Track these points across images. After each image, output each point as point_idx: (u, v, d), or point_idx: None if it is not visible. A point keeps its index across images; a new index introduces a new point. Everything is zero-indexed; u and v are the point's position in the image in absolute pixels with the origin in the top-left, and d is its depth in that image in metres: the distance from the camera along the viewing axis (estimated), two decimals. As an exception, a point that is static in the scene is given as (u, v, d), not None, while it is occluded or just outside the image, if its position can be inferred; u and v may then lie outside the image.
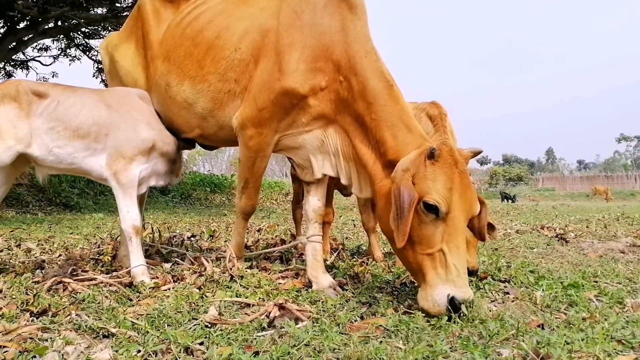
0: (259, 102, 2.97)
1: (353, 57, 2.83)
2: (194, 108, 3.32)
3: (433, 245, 2.46)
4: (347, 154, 2.95)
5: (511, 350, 1.89)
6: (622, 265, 4.01)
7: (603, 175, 57.23)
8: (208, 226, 7.38)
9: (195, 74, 3.26)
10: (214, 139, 3.51)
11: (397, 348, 1.89)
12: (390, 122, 2.74)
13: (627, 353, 1.87)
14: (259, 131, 3.02)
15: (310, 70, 2.89)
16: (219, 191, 20.06)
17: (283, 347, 1.87)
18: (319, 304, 2.64)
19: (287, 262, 3.83)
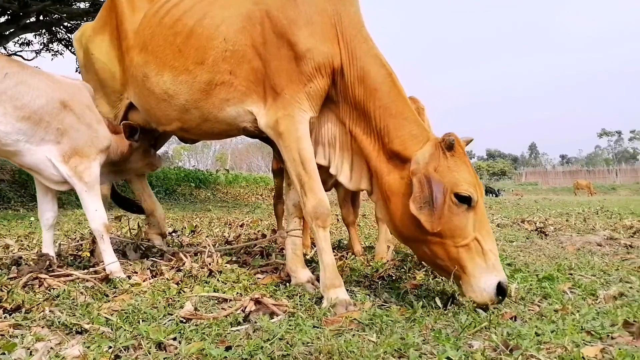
0: (277, 87, 2.74)
1: (351, 42, 2.73)
2: (175, 100, 3.11)
3: (468, 236, 2.46)
4: (343, 142, 2.86)
5: (482, 342, 1.91)
6: (597, 258, 4.06)
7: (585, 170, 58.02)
8: (190, 222, 7.33)
9: (177, 64, 3.06)
10: (196, 132, 3.31)
11: (369, 341, 1.90)
12: (395, 110, 2.68)
13: (595, 344, 1.89)
14: (285, 113, 2.71)
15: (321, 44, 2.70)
16: (204, 187, 19.93)
17: (256, 342, 1.87)
18: (296, 299, 2.65)
19: (268, 257, 3.82)
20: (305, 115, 2.72)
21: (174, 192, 17.08)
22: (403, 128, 2.66)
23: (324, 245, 2.65)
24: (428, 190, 2.41)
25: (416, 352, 1.81)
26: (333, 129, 2.87)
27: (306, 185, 2.68)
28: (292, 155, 2.71)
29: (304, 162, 2.68)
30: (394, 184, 2.64)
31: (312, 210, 2.65)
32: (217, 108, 2.98)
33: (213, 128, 3.13)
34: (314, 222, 2.66)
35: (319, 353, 1.73)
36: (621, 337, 1.97)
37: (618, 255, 4.25)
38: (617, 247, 4.78)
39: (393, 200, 2.64)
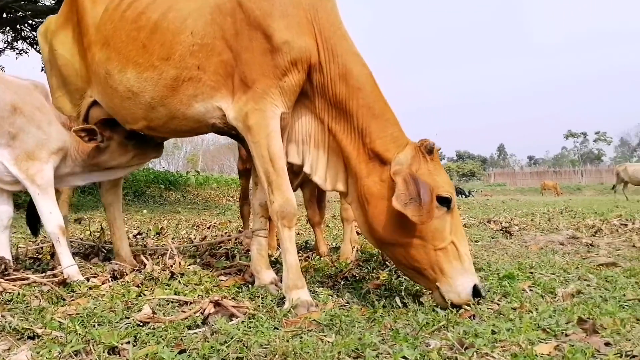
0: (249, 80, 2.62)
1: (331, 38, 2.65)
2: (140, 98, 2.96)
3: (445, 239, 2.48)
4: (319, 140, 2.77)
5: (439, 340, 1.92)
6: (559, 257, 4.14)
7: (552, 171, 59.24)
8: (157, 224, 7.22)
9: (142, 61, 2.91)
10: (163, 130, 3.17)
11: (325, 341, 1.88)
12: (377, 111, 2.64)
13: (549, 341, 1.91)
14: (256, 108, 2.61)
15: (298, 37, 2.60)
16: (174, 188, 19.71)
17: (211, 344, 1.84)
18: (259, 300, 2.62)
19: (233, 259, 3.78)
20: (277, 110, 2.63)
21: (143, 194, 16.84)
22: (385, 129, 2.63)
23: (289, 246, 2.62)
24: (414, 188, 2.39)
25: (373, 352, 1.80)
26: (308, 126, 2.78)
27: (274, 183, 2.62)
28: (260, 152, 2.63)
29: (273, 159, 2.61)
30: (373, 187, 2.59)
31: (279, 210, 2.60)
32: (185, 105, 2.86)
33: (181, 126, 3.01)
34: (280, 222, 2.61)
35: (274, 355, 1.71)
36: (575, 334, 2.00)
37: (579, 254, 4.34)
38: (578, 246, 4.88)
39: (373, 203, 2.59)
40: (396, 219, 2.47)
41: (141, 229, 6.29)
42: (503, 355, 1.73)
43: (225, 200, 19.20)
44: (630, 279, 3.08)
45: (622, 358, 1.74)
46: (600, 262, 3.75)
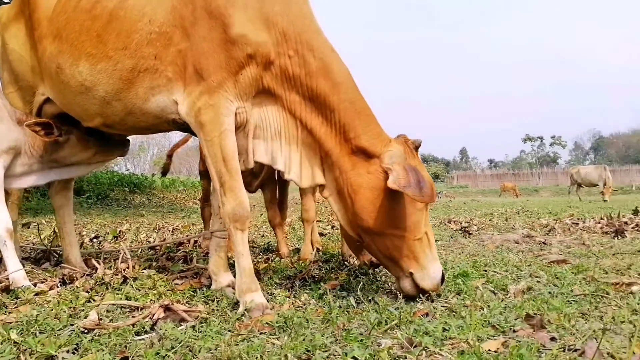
0: (204, 73, 2.50)
1: (305, 32, 2.55)
2: (94, 92, 2.79)
3: (422, 230, 2.59)
4: (291, 137, 2.66)
5: (391, 340, 1.88)
6: (513, 255, 4.18)
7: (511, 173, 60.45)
8: (116, 227, 7.03)
9: (95, 52, 2.74)
10: (121, 127, 3.00)
11: (274, 344, 1.83)
12: (360, 107, 2.61)
13: (497, 337, 1.90)
14: (210, 103, 2.49)
15: (258, 32, 2.50)
16: (139, 191, 19.33)
17: (157, 350, 1.76)
18: (213, 304, 2.54)
19: (190, 262, 3.68)
20: (231, 106, 2.52)
21: (107, 197, 16.44)
22: (369, 125, 2.61)
23: (242, 249, 2.53)
24: (415, 177, 2.42)
25: (324, 354, 1.75)
26: (278, 122, 2.65)
27: (227, 184, 2.52)
28: (213, 151, 2.53)
29: (226, 159, 2.51)
30: (360, 179, 2.57)
31: (232, 212, 2.51)
32: (142, 99, 2.71)
33: (139, 122, 2.85)
34: (233, 225, 2.52)
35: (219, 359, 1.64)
36: (523, 329, 1.99)
37: (532, 252, 4.39)
38: (532, 244, 4.95)
39: (361, 195, 2.56)
40: (384, 208, 2.53)
41: (99, 232, 6.10)
42: (451, 353, 1.71)
43: (191, 203, 18.91)
44: (578, 275, 3.12)
45: (565, 352, 1.74)
46: (552, 260, 3.80)
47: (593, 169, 24.32)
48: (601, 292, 2.65)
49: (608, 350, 1.73)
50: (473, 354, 1.65)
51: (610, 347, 1.78)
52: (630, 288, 2.74)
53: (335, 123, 2.60)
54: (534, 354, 1.69)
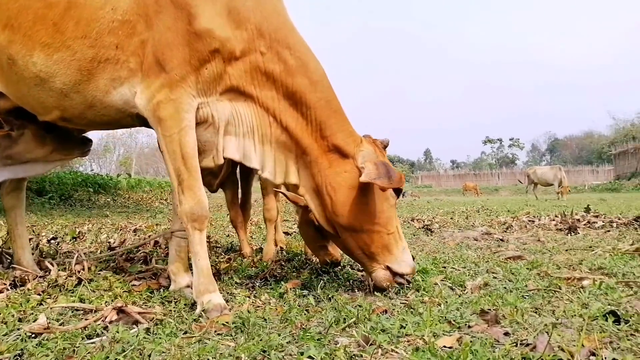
0: (167, 65, 2.38)
1: (280, 29, 2.50)
2: (50, 84, 2.61)
3: (394, 224, 2.70)
4: (265, 134, 2.59)
5: (348, 338, 1.85)
6: (472, 252, 4.21)
7: (472, 173, 61.60)
8: (76, 228, 6.80)
9: (52, 41, 2.55)
10: (81, 122, 2.81)
11: (228, 346, 1.77)
12: (335, 106, 2.61)
13: (453, 333, 1.89)
14: (172, 98, 2.38)
15: (227, 28, 2.40)
16: (104, 192, 18.83)
17: (106, 354, 1.68)
18: (170, 305, 2.46)
19: (150, 263, 3.57)
20: (193, 102, 2.42)
21: (70, 198, 15.93)
22: (344, 124, 2.63)
23: (200, 250, 2.45)
24: (383, 170, 2.49)
25: (280, 354, 1.71)
26: (251, 119, 2.56)
27: (185, 182, 2.43)
28: (172, 148, 2.42)
29: (186, 157, 2.41)
30: (338, 177, 2.59)
31: (190, 211, 2.42)
32: (103, 91, 2.55)
33: (101, 116, 2.68)
34: (191, 224, 2.43)
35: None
36: (477, 325, 1.99)
37: (490, 249, 4.44)
38: (490, 242, 5.01)
39: (340, 192, 2.59)
40: (362, 206, 2.59)
41: (59, 233, 5.89)
42: (406, 350, 1.68)
43: (157, 204, 18.54)
44: (532, 270, 3.16)
45: (517, 347, 1.74)
46: (508, 256, 3.84)
47: (549, 169, 24.96)
48: (554, 287, 2.69)
49: (559, 344, 1.74)
50: (427, 351, 1.63)
51: (561, 340, 1.79)
52: (581, 283, 2.79)
53: (312, 121, 2.58)
54: (488, 349, 1.68)
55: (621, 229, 5.76)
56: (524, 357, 1.63)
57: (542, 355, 1.62)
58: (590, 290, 2.59)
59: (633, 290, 2.60)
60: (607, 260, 3.46)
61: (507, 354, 1.66)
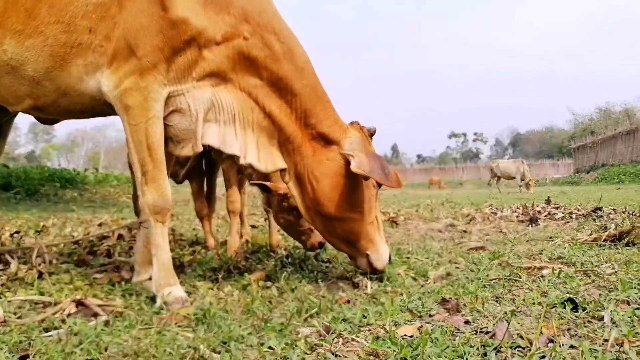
0: (138, 50, 2.26)
1: (264, 13, 2.42)
2: (22, 71, 2.48)
3: (374, 214, 2.67)
4: (247, 120, 2.49)
5: (310, 328, 1.82)
6: (436, 243, 4.24)
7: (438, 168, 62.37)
8: (40, 222, 6.59)
9: (23, 27, 2.42)
10: (54, 110, 2.69)
11: (187, 337, 1.71)
12: (320, 92, 2.56)
13: (414, 322, 1.88)
14: (142, 85, 2.27)
15: (204, 15, 2.30)
16: (71, 186, 18.35)
17: (62, 347, 1.60)
18: (132, 298, 2.38)
19: (112, 256, 3.47)
20: (163, 91, 2.31)
21: (36, 193, 15.48)
22: (329, 111, 2.58)
23: (161, 242, 2.38)
24: (378, 163, 2.46)
25: (240, 345, 1.66)
26: (232, 105, 2.46)
27: (149, 174, 2.34)
28: (138, 138, 2.31)
29: (152, 147, 2.31)
30: (322, 165, 2.54)
31: (153, 203, 2.34)
32: (76, 78, 2.43)
33: (75, 104, 2.57)
34: (153, 217, 2.35)
35: (125, 355, 1.52)
36: (439, 314, 1.99)
37: (453, 240, 4.48)
38: (454, 233, 5.06)
39: (322, 181, 2.54)
40: (343, 195, 2.55)
41: (22, 227, 5.69)
42: (366, 339, 1.66)
43: (125, 198, 18.15)
44: (494, 260, 3.19)
45: (477, 334, 1.74)
46: (471, 247, 3.88)
47: (511, 163, 25.31)
48: (514, 276, 2.71)
49: (518, 331, 1.74)
50: (388, 339, 1.61)
51: (521, 328, 1.79)
52: (541, 272, 2.82)
53: (297, 108, 2.52)
54: (448, 337, 1.67)
55: (580, 220, 5.88)
56: (483, 345, 1.62)
57: (501, 342, 1.62)
58: (550, 279, 2.62)
59: (591, 278, 2.64)
60: (566, 250, 3.52)
61: (467, 341, 1.65)
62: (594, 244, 3.82)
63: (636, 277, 2.51)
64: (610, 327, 1.78)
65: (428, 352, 1.52)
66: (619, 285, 2.32)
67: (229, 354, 1.55)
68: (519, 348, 1.61)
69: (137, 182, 2.40)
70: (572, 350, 1.58)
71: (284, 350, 1.59)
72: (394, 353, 1.51)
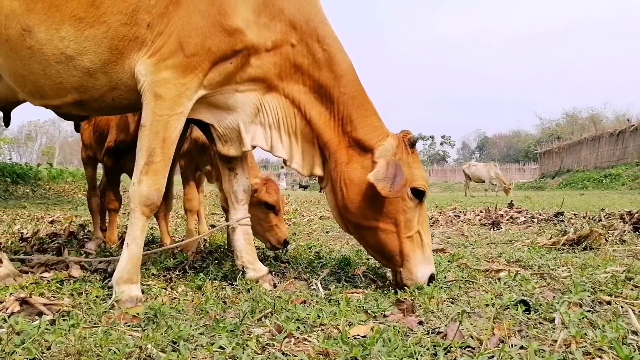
0: (188, 48, 2.28)
1: (312, 21, 2.46)
2: (78, 61, 2.40)
3: (413, 228, 2.53)
4: (291, 127, 2.58)
5: (262, 328, 1.83)
6: (397, 244, 4.29)
7: (406, 169, 62.87)
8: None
9: (85, 15, 2.34)
10: (97, 105, 2.62)
11: (135, 336, 1.70)
12: (359, 100, 2.55)
13: (368, 323, 1.91)
14: (181, 81, 2.30)
15: (256, 23, 2.36)
16: (23, 182, 17.78)
17: (3, 346, 1.57)
18: (81, 297, 2.34)
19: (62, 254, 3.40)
20: (199, 92, 2.36)
21: (-15, 188, 14.98)
22: (367, 118, 2.56)
23: (139, 236, 2.34)
24: (393, 171, 2.38)
25: (190, 345, 1.66)
26: (277, 111, 2.55)
27: (154, 165, 2.30)
28: (157, 127, 2.29)
29: (167, 141, 2.31)
30: (353, 173, 2.52)
31: (146, 195, 2.30)
32: (128, 72, 2.40)
33: (121, 99, 2.53)
34: (141, 208, 2.31)
35: (67, 354, 1.50)
36: (393, 314, 2.03)
37: (416, 242, 4.54)
38: (417, 235, 5.12)
39: (352, 188, 2.53)
40: (373, 204, 2.48)
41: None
42: (318, 339, 1.68)
43: (80, 195, 17.71)
44: (453, 262, 3.26)
45: (429, 335, 1.78)
46: (432, 249, 3.94)
47: (482, 166, 25.07)
48: (472, 278, 2.78)
49: (470, 332, 1.80)
50: (339, 339, 1.63)
51: (473, 329, 1.85)
52: (498, 274, 2.90)
53: (335, 115, 2.56)
54: (400, 338, 1.71)
55: (541, 224, 6.05)
56: (434, 345, 1.67)
57: (452, 342, 1.67)
58: (506, 281, 2.69)
59: (546, 281, 2.73)
60: (524, 254, 3.62)
61: (419, 341, 1.69)
62: (553, 247, 3.95)
63: (590, 280, 2.61)
64: (560, 328, 1.85)
65: (378, 352, 1.55)
66: (573, 288, 2.41)
67: (176, 354, 1.55)
68: (469, 348, 1.67)
69: (137, 168, 2.34)
70: (521, 350, 1.64)
71: (234, 350, 1.60)
72: (345, 353, 1.54)
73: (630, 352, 1.56)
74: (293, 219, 7.08)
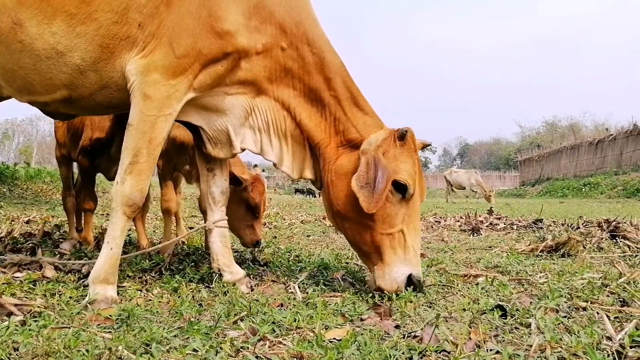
0: (178, 49, 2.27)
1: (302, 24, 2.46)
2: (68, 58, 2.39)
3: (395, 225, 2.44)
4: (281, 130, 2.57)
5: (237, 331, 1.81)
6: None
7: (388, 175, 63.03)
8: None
9: (76, 11, 2.33)
10: (85, 104, 2.60)
11: (105, 338, 1.67)
12: (351, 99, 2.54)
13: (344, 326, 1.90)
14: (170, 82, 2.28)
15: (247, 26, 2.36)
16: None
17: (-34, 348, 1.53)
18: (54, 298, 2.30)
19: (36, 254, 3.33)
20: (188, 94, 2.35)
21: (-41, 187, 14.67)
22: (359, 118, 2.54)
23: (119, 236, 2.32)
24: (373, 173, 2.33)
25: (162, 347, 1.64)
26: (266, 114, 2.55)
27: (138, 165, 2.28)
28: (144, 127, 2.27)
29: (153, 141, 2.29)
30: (340, 166, 2.50)
31: (129, 195, 2.27)
32: (119, 71, 2.39)
33: (111, 98, 2.52)
34: (122, 208, 2.28)
35: (35, 355, 1.46)
36: (370, 318, 2.03)
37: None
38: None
39: (337, 182, 2.51)
40: (354, 196, 2.39)
41: (-62, 223, 5.38)
42: (293, 342, 1.67)
43: (59, 195, 17.43)
44: (432, 267, 3.28)
45: (405, 339, 1.78)
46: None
47: (464, 173, 25.17)
48: (450, 283, 2.79)
49: (446, 336, 1.80)
50: (314, 342, 1.63)
51: (450, 333, 1.85)
52: (476, 280, 2.92)
53: (326, 117, 2.55)
54: (376, 341, 1.71)
55: (520, 231, 6.11)
56: (410, 349, 1.67)
57: (428, 346, 1.67)
58: (483, 286, 2.71)
59: (524, 287, 2.75)
60: (503, 259, 3.66)
61: (395, 345, 1.69)
62: (531, 254, 3.99)
63: (567, 287, 2.64)
64: (536, 333, 1.86)
65: (352, 355, 1.54)
66: (550, 293, 2.43)
67: (148, 355, 1.53)
68: (445, 352, 1.67)
69: (121, 168, 2.31)
70: (496, 355, 1.65)
71: (208, 353, 1.58)
72: (320, 356, 1.53)
73: (604, 357, 1.58)
74: (274, 223, 7.06)
